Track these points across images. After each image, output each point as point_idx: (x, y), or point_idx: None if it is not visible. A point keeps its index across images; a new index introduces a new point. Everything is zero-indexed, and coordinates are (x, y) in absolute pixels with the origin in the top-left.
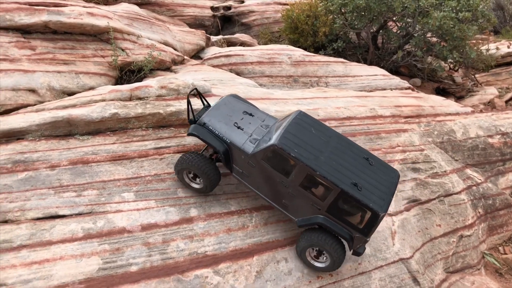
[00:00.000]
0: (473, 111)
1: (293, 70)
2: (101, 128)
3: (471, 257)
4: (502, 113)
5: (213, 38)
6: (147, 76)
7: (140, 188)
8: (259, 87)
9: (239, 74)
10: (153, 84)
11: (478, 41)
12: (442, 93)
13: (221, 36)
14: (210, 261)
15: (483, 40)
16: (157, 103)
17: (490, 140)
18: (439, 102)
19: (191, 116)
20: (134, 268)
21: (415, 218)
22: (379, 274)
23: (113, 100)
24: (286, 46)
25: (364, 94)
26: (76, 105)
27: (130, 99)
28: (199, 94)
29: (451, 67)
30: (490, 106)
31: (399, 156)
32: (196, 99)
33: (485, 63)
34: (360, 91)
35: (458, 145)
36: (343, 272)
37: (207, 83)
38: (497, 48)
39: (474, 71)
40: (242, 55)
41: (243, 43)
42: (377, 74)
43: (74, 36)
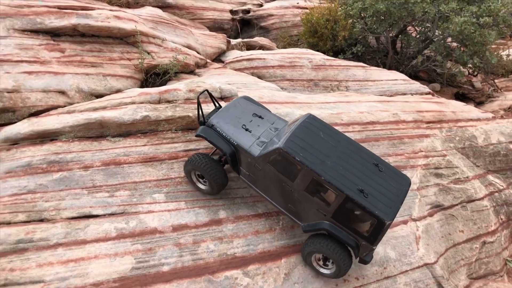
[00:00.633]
0: (494, 117)
1: (314, 74)
2: (132, 130)
3: (494, 264)
4: None
5: (233, 42)
6: (172, 79)
7: (171, 190)
8: (282, 91)
9: (261, 78)
10: (182, 88)
11: (499, 46)
12: (462, 99)
13: (240, 40)
14: (239, 263)
15: (503, 45)
16: (186, 106)
17: None
18: (460, 108)
19: (201, 118)
20: (166, 268)
21: (439, 224)
22: (404, 279)
23: (143, 103)
24: (306, 50)
25: (386, 99)
26: (107, 107)
27: (159, 102)
28: (211, 96)
29: (470, 72)
30: (511, 112)
31: (422, 162)
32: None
33: (505, 69)
34: (381, 96)
35: (480, 151)
36: (369, 276)
37: (234, 87)
38: None
39: (493, 77)
40: (264, 59)
41: (262, 47)
42: (397, 79)
43: (101, 39)
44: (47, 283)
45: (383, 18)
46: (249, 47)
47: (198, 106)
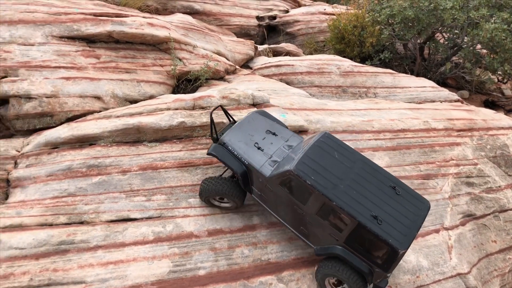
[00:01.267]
0: None
1: (342, 81)
2: (168, 136)
3: None
4: None
5: (259, 48)
6: (203, 85)
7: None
8: (312, 97)
9: (289, 84)
10: (215, 94)
11: None
12: (491, 106)
13: (267, 46)
14: (274, 269)
15: None
16: (220, 113)
17: None
18: (491, 116)
19: (214, 134)
20: (202, 272)
21: (471, 233)
22: None
23: (178, 109)
24: (334, 56)
25: (417, 106)
26: (143, 113)
27: (193, 108)
28: (225, 111)
29: (500, 80)
30: None
31: (453, 170)
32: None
33: None
34: (410, 103)
35: None
36: (402, 285)
37: (265, 94)
38: None
39: None
40: (292, 65)
41: (289, 53)
42: (426, 86)
43: (135, 46)
44: (88, 284)
45: (411, 25)
46: (276, 53)
47: (211, 122)
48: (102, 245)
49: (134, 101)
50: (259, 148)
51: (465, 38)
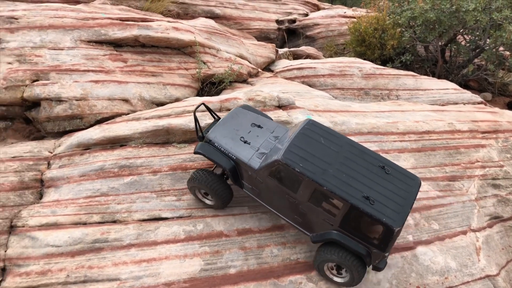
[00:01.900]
0: None
1: (364, 83)
2: (196, 137)
3: None
4: None
5: (280, 51)
6: (226, 88)
7: (234, 195)
8: (335, 100)
9: (311, 86)
10: (241, 96)
11: None
12: None
13: (287, 49)
14: (303, 268)
15: None
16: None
17: None
18: None
19: (199, 133)
20: (233, 271)
21: (498, 235)
22: None
23: (206, 111)
24: (355, 59)
25: (440, 108)
26: (171, 115)
27: (220, 110)
28: (208, 109)
29: None
30: None
31: (479, 172)
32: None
33: None
34: (433, 105)
35: None
36: (431, 286)
37: (291, 96)
38: None
39: None
40: (314, 68)
41: (309, 56)
42: (448, 88)
43: (160, 49)
44: (123, 281)
45: (433, 27)
46: (296, 56)
47: (195, 121)
48: (135, 244)
49: (161, 104)
50: (246, 142)
51: (487, 40)
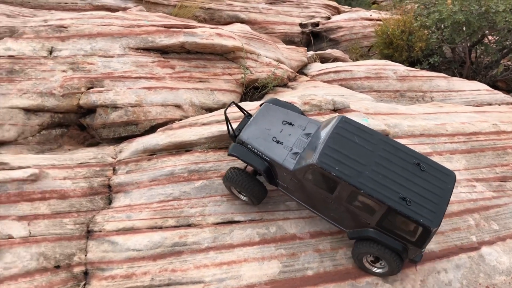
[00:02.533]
0: None
1: (399, 85)
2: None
3: None
4: None
5: (307, 54)
6: (269, 93)
7: None
8: (381, 102)
9: (349, 89)
10: (297, 101)
11: None
12: None
13: (313, 52)
14: None
15: None
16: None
17: None
18: None
19: (231, 131)
20: (310, 273)
21: None
22: None
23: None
24: (386, 61)
25: (481, 110)
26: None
27: None
28: (238, 107)
29: None
30: None
31: None
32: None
33: None
34: (471, 106)
35: None
36: (499, 285)
37: (345, 99)
38: None
39: None
40: (350, 71)
41: (336, 58)
42: (480, 89)
43: (204, 56)
44: (207, 284)
45: (461, 29)
46: (323, 59)
47: (227, 121)
48: (213, 247)
49: (209, 109)
50: (278, 142)
51: None
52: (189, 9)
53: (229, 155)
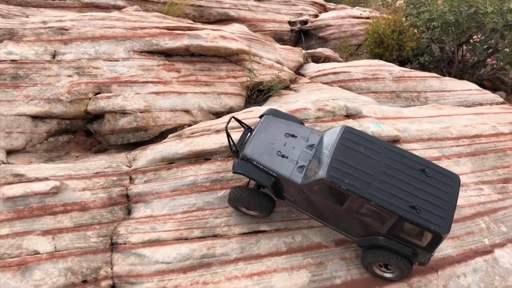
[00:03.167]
0: None
1: (395, 86)
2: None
3: None
4: None
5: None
6: (273, 95)
7: None
8: (383, 105)
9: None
10: (310, 107)
11: None
12: None
13: (305, 51)
14: None
15: None
16: (318, 125)
17: None
18: None
19: (233, 147)
20: (338, 281)
21: None
22: None
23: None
24: (380, 62)
25: (479, 111)
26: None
27: None
28: (238, 121)
29: None
30: None
31: None
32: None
33: None
34: (463, 107)
35: None
36: None
37: (358, 105)
38: None
39: None
40: (348, 72)
41: (328, 58)
42: (471, 89)
43: (208, 58)
44: None
45: (451, 29)
46: (314, 58)
47: (228, 136)
48: (241, 257)
49: (216, 113)
50: (284, 156)
51: (503, 41)
52: (179, 7)
53: (235, 173)
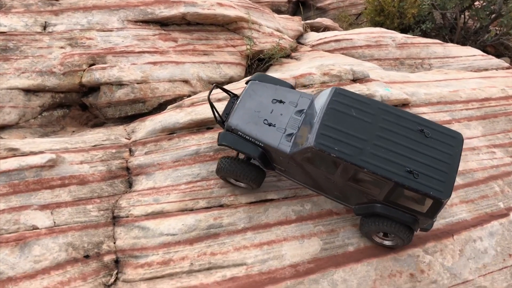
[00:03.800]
0: None
1: (399, 53)
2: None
3: None
4: None
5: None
6: (274, 64)
7: None
8: (391, 71)
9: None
10: (315, 72)
11: None
12: None
13: (303, 22)
14: (417, 242)
15: None
16: None
17: None
18: None
19: (218, 118)
20: (351, 248)
21: None
22: None
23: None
24: (381, 29)
25: (487, 75)
26: None
27: (295, 87)
28: (222, 89)
29: None
30: None
31: None
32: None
33: None
34: (478, 71)
35: None
36: None
37: (365, 69)
38: None
39: None
40: (351, 39)
41: (327, 27)
42: (476, 55)
43: (205, 27)
44: (250, 266)
45: None
46: (314, 29)
47: (212, 106)
48: (250, 227)
49: (216, 83)
50: (271, 124)
51: (506, 6)
52: None
53: (220, 145)
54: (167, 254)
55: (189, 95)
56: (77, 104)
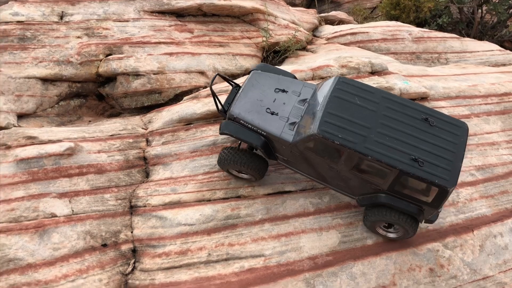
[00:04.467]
0: None
1: (415, 47)
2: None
3: None
4: None
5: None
6: (290, 57)
7: None
8: (408, 64)
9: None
10: (333, 64)
11: None
12: None
13: (318, 15)
14: (436, 236)
15: None
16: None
17: None
18: None
19: (220, 107)
20: (370, 242)
21: None
22: None
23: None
24: (397, 23)
25: (505, 70)
26: None
27: (313, 79)
28: (224, 78)
29: None
30: None
31: None
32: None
33: None
34: (494, 67)
35: None
36: None
37: (384, 61)
38: None
39: None
40: (367, 33)
41: (342, 21)
42: (493, 50)
43: (221, 18)
44: (268, 257)
45: None
46: (328, 22)
47: (214, 95)
48: (267, 218)
49: (232, 75)
50: (273, 113)
51: None
52: None
53: (222, 134)
54: (185, 244)
55: (205, 87)
56: (94, 94)
